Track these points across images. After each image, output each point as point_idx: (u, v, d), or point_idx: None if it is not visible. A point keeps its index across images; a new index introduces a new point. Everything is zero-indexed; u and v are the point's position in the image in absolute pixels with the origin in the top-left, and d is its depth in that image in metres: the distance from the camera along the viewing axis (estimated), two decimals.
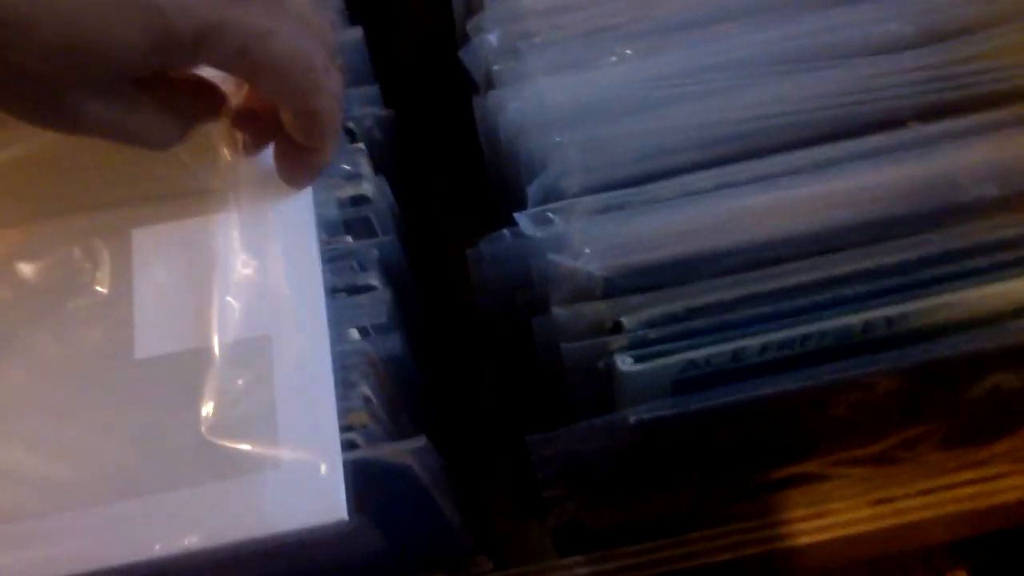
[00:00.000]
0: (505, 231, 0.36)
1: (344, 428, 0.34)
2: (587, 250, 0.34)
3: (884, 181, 0.35)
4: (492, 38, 0.40)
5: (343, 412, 0.34)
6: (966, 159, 0.35)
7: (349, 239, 0.38)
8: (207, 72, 0.34)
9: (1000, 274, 0.33)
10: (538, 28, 0.40)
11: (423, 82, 0.54)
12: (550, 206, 0.36)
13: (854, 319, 0.34)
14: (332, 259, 0.37)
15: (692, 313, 0.34)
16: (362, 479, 0.33)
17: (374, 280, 0.37)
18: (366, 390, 0.35)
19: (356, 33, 0.42)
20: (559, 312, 0.34)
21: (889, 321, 0.34)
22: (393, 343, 0.37)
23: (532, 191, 0.36)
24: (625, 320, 0.34)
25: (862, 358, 0.34)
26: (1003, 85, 0.37)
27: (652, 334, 0.34)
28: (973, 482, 0.42)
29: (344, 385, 0.35)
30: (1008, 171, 0.34)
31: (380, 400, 0.36)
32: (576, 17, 0.40)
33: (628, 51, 0.39)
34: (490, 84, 0.40)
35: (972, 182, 0.34)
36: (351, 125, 0.40)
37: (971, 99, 0.37)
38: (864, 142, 0.36)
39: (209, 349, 0.34)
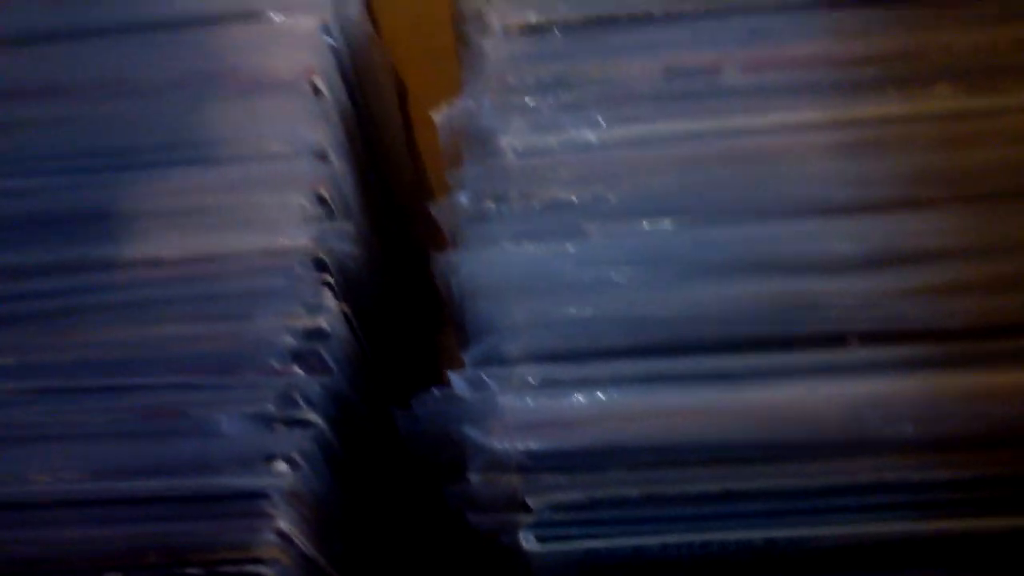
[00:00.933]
0: (435, 390, 0.37)
1: (253, 560, 0.35)
2: (509, 424, 0.36)
3: (806, 401, 0.36)
4: (463, 198, 0.41)
5: (256, 544, 0.35)
6: (893, 390, 0.36)
7: (297, 370, 0.40)
8: None
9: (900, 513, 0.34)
10: (508, 193, 0.41)
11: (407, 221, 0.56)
12: (485, 369, 0.37)
13: (755, 534, 0.34)
14: (278, 389, 0.39)
15: (597, 504, 0.35)
16: None
17: (313, 416, 0.39)
18: (282, 525, 0.37)
19: (346, 171, 0.44)
20: (473, 481, 0.35)
21: (790, 541, 0.34)
22: (324, 480, 0.38)
23: (471, 354, 0.38)
24: (532, 500, 0.35)
25: (765, 568, 0.35)
26: (951, 322, 0.37)
27: (557, 517, 0.35)
28: None
29: (259, 516, 0.36)
30: (929, 411, 0.35)
31: (305, 534, 0.38)
32: (546, 186, 0.42)
33: (586, 230, 0.40)
34: (456, 240, 0.42)
35: (890, 417, 0.35)
36: (322, 256, 0.42)
37: (912, 331, 0.37)
38: (795, 357, 0.37)
39: None
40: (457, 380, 0.37)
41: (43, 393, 0.39)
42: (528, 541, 0.35)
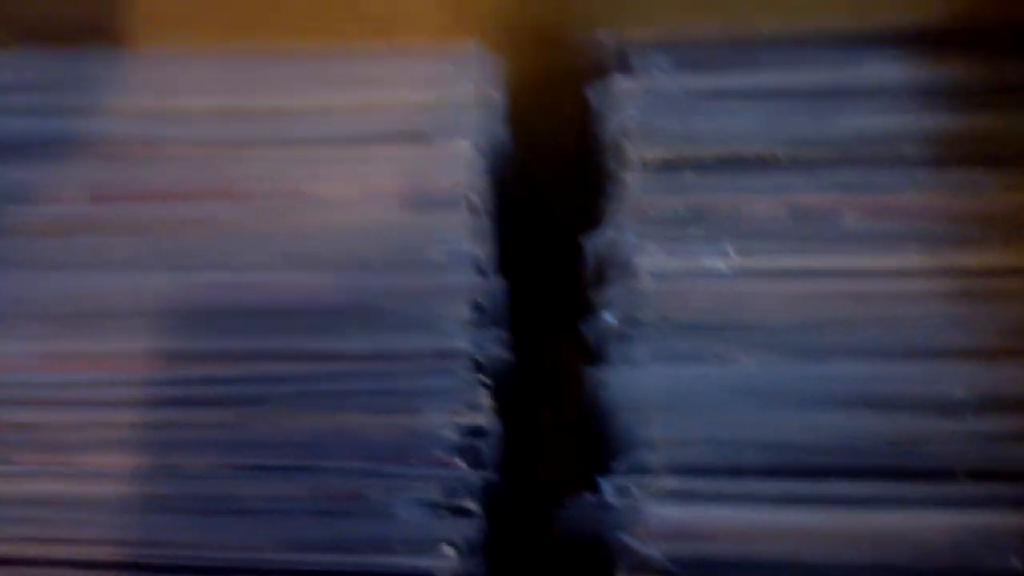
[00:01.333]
0: (588, 495, 0.42)
1: None
2: (658, 532, 0.41)
3: (918, 529, 0.40)
4: (610, 318, 0.47)
5: None
6: (999, 524, 0.40)
7: (460, 463, 0.45)
8: None
9: None
10: (653, 315, 0.47)
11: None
12: (631, 479, 0.42)
13: None
14: (444, 480, 0.44)
15: None
16: None
17: (474, 506, 0.44)
18: None
19: (502, 284, 0.50)
20: None
21: None
22: (481, 565, 0.43)
23: (618, 464, 0.43)
24: None
25: None
26: None
27: None
28: None
29: None
30: None
31: None
32: (681, 311, 0.47)
33: (725, 357, 0.45)
34: (602, 357, 0.47)
35: (996, 549, 0.39)
36: (480, 360, 0.48)
37: (1017, 471, 0.42)
38: (908, 487, 0.42)
39: None
40: (606, 486, 0.42)
41: (239, 468, 0.45)
42: None
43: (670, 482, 0.42)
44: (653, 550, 0.40)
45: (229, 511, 0.44)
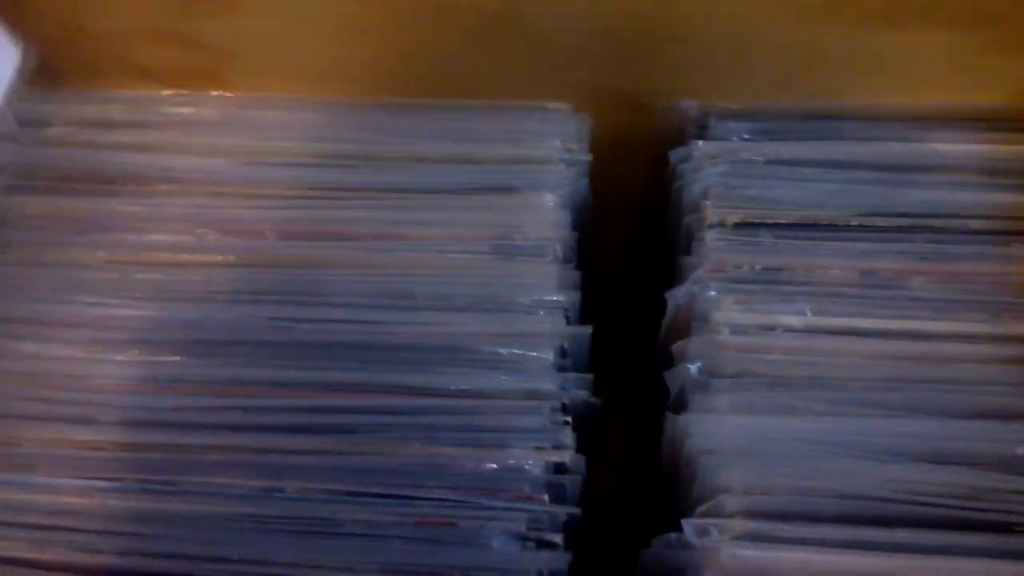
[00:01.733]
0: (672, 535, 0.45)
1: None
2: (732, 572, 0.43)
3: None
4: (693, 369, 0.50)
5: None
6: None
7: (546, 498, 0.48)
8: None
9: None
10: (732, 368, 0.50)
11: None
12: (711, 521, 0.45)
13: None
14: (530, 513, 0.47)
15: None
16: None
17: (558, 540, 0.47)
18: None
19: (587, 330, 0.53)
20: None
21: None
22: None
23: (699, 509, 0.46)
24: None
25: None
26: None
27: None
28: None
29: None
30: None
31: None
32: (758, 364, 0.50)
33: (803, 407, 0.48)
34: (682, 404, 0.50)
35: None
36: (565, 401, 0.51)
37: None
38: (971, 538, 0.44)
39: None
40: (688, 527, 0.45)
41: (338, 494, 0.48)
42: None
43: (747, 525, 0.45)
44: None
45: (327, 534, 0.47)
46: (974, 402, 0.49)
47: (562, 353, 0.53)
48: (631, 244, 0.68)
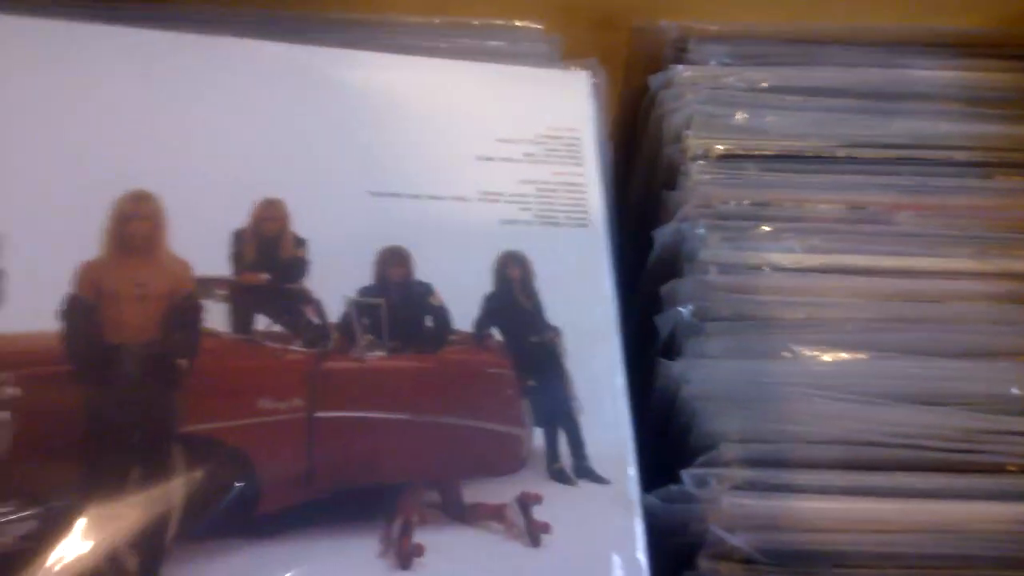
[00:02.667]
0: (672, 487, 0.44)
1: None
2: (736, 522, 0.43)
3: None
4: (685, 312, 0.48)
5: None
6: None
7: None
8: None
9: None
10: (724, 310, 0.48)
11: None
12: (710, 471, 0.44)
13: None
14: None
15: None
16: None
17: None
18: None
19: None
20: (705, 567, 0.42)
21: None
22: None
23: (698, 460, 0.45)
24: None
25: None
26: None
27: None
28: None
29: None
30: None
31: None
32: (749, 305, 0.49)
33: (798, 350, 0.47)
34: (674, 349, 0.48)
35: None
36: None
37: None
38: (972, 480, 0.44)
39: None
40: (686, 478, 0.44)
41: None
42: None
43: (746, 474, 0.44)
44: (734, 538, 0.42)
45: None
46: (965, 341, 0.48)
47: None
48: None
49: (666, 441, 0.48)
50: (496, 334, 0.46)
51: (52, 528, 0.38)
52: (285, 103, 0.49)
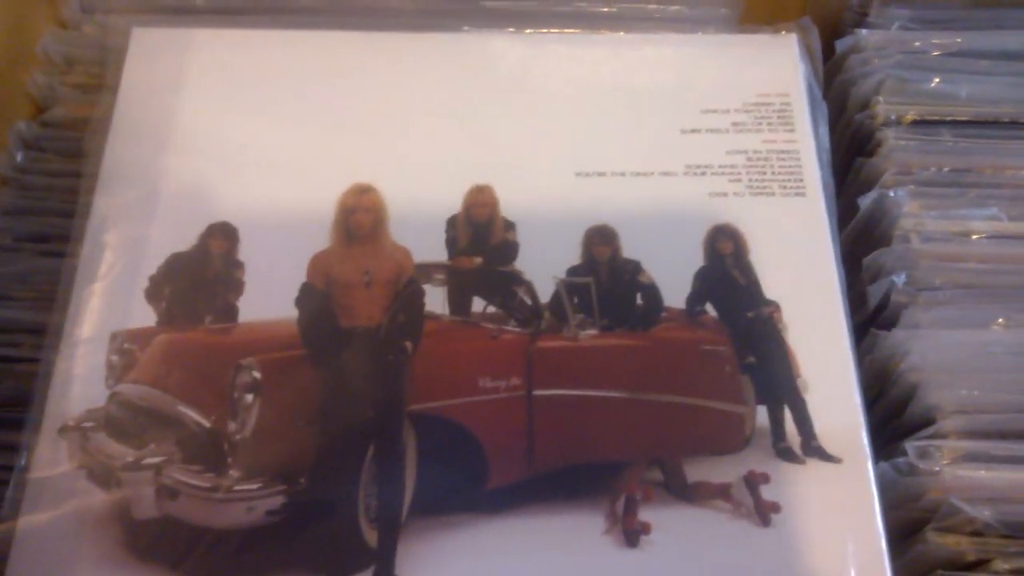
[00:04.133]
0: (899, 460, 0.43)
1: None
2: (965, 494, 0.42)
3: None
4: (899, 281, 0.47)
5: None
6: None
7: None
8: None
9: None
10: (934, 279, 0.47)
11: None
12: (933, 443, 0.43)
13: None
14: None
15: None
16: None
17: None
18: None
19: None
20: (934, 540, 0.42)
21: None
22: None
23: (921, 432, 0.44)
24: (998, 564, 0.41)
25: None
26: None
27: None
28: None
29: None
30: None
31: None
32: (964, 272, 0.48)
33: (1014, 319, 0.46)
34: (884, 318, 0.47)
35: None
36: None
37: None
38: None
39: None
40: (911, 450, 0.43)
41: None
42: None
43: (968, 445, 0.43)
44: (974, 510, 0.41)
45: None
46: None
47: None
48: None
49: (878, 413, 0.47)
50: (710, 310, 0.45)
51: (296, 504, 0.39)
52: (487, 92, 0.50)
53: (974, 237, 0.49)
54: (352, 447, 0.41)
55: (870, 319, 0.49)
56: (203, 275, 0.44)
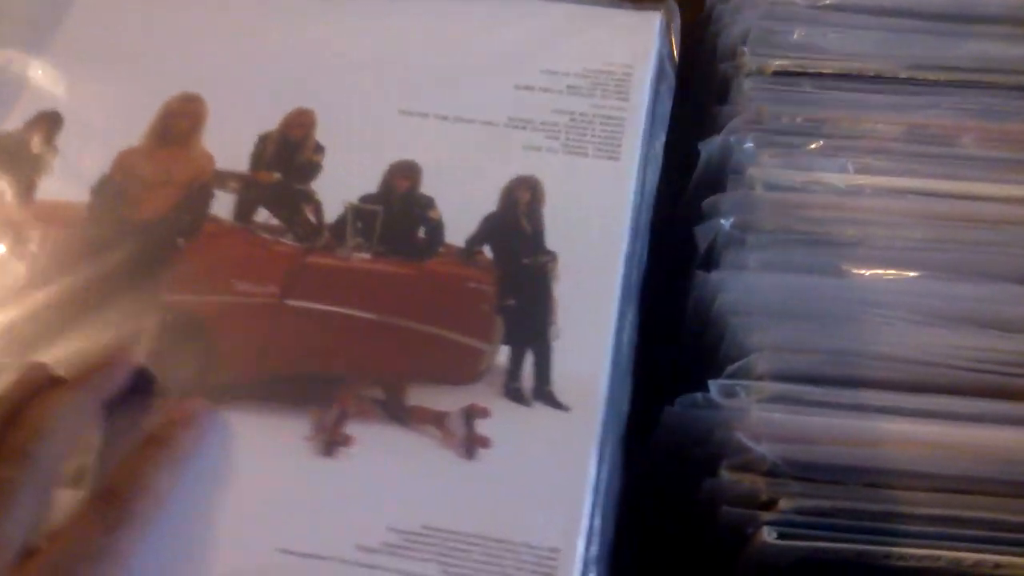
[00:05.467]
0: (698, 395, 0.43)
1: None
2: (762, 433, 0.42)
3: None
4: (725, 224, 0.47)
5: None
6: None
7: None
8: None
9: None
10: (767, 224, 0.47)
11: None
12: (740, 382, 0.43)
13: (968, 556, 0.40)
14: None
15: (838, 512, 0.41)
16: None
17: None
18: None
19: None
20: (727, 477, 0.42)
21: (996, 565, 0.40)
22: None
23: (728, 369, 0.44)
24: (782, 502, 0.41)
25: None
26: None
27: (798, 518, 0.41)
28: None
29: None
30: None
31: None
32: (795, 221, 0.47)
33: (842, 267, 0.46)
34: (712, 261, 0.47)
35: None
36: None
37: None
38: (1007, 406, 0.43)
39: None
40: (715, 387, 0.43)
41: None
42: (770, 535, 0.40)
43: (777, 387, 0.43)
44: (758, 446, 0.41)
45: None
46: (1019, 266, 0.46)
47: None
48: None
49: (699, 355, 0.48)
50: (488, 252, 0.46)
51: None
52: (333, 20, 0.52)
53: (816, 187, 0.49)
54: (101, 325, 0.43)
55: (702, 262, 0.49)
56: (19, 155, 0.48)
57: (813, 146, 0.50)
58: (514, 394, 0.42)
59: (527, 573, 0.38)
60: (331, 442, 0.41)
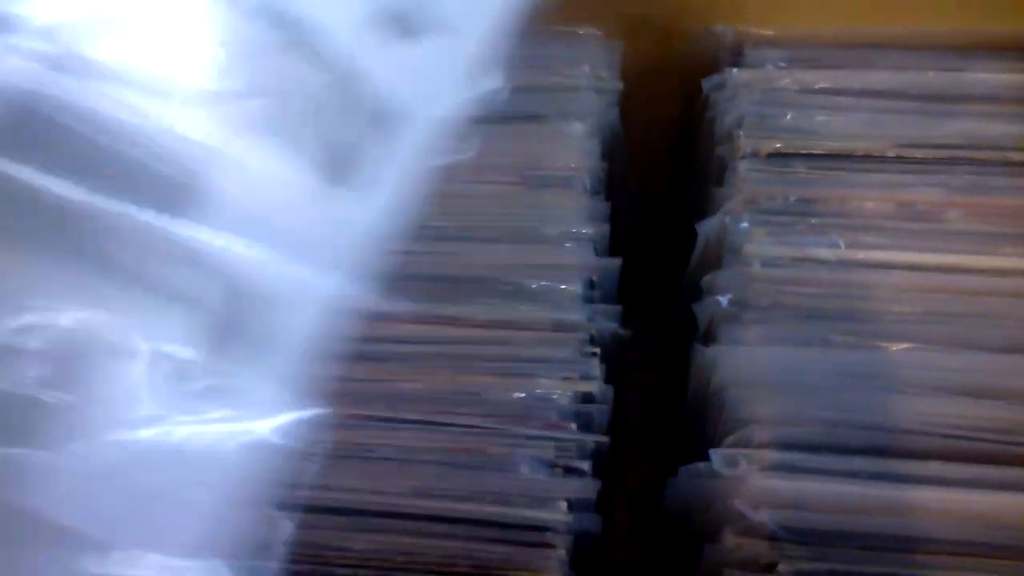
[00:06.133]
0: (700, 464, 0.45)
1: None
2: (761, 501, 0.43)
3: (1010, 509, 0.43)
4: (723, 300, 0.49)
5: (543, 569, 0.43)
6: None
7: (574, 427, 0.48)
8: None
9: None
10: (763, 299, 0.49)
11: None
12: (741, 451, 0.45)
13: None
14: (559, 442, 0.47)
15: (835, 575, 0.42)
16: None
17: (586, 467, 0.47)
18: (562, 554, 0.44)
19: (616, 262, 0.53)
20: (730, 542, 0.43)
21: None
22: (592, 523, 0.46)
23: (728, 439, 0.45)
24: (782, 566, 0.42)
25: None
26: None
27: None
28: None
29: (544, 546, 0.44)
30: None
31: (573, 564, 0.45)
32: (789, 297, 0.50)
33: (835, 339, 0.48)
34: (712, 336, 0.49)
35: None
36: (593, 332, 0.51)
37: None
38: (1010, 472, 0.44)
39: None
40: (715, 457, 0.45)
41: (371, 419, 0.48)
42: None
43: (776, 456, 0.45)
44: (760, 516, 0.43)
45: (360, 458, 0.47)
46: (1010, 336, 0.48)
47: (590, 285, 0.52)
48: (661, 175, 0.67)
49: (701, 428, 0.49)
50: None
51: None
52: None
53: (809, 263, 0.51)
54: None
55: (702, 338, 0.51)
56: None
57: (805, 224, 0.52)
58: None
59: None
60: None
